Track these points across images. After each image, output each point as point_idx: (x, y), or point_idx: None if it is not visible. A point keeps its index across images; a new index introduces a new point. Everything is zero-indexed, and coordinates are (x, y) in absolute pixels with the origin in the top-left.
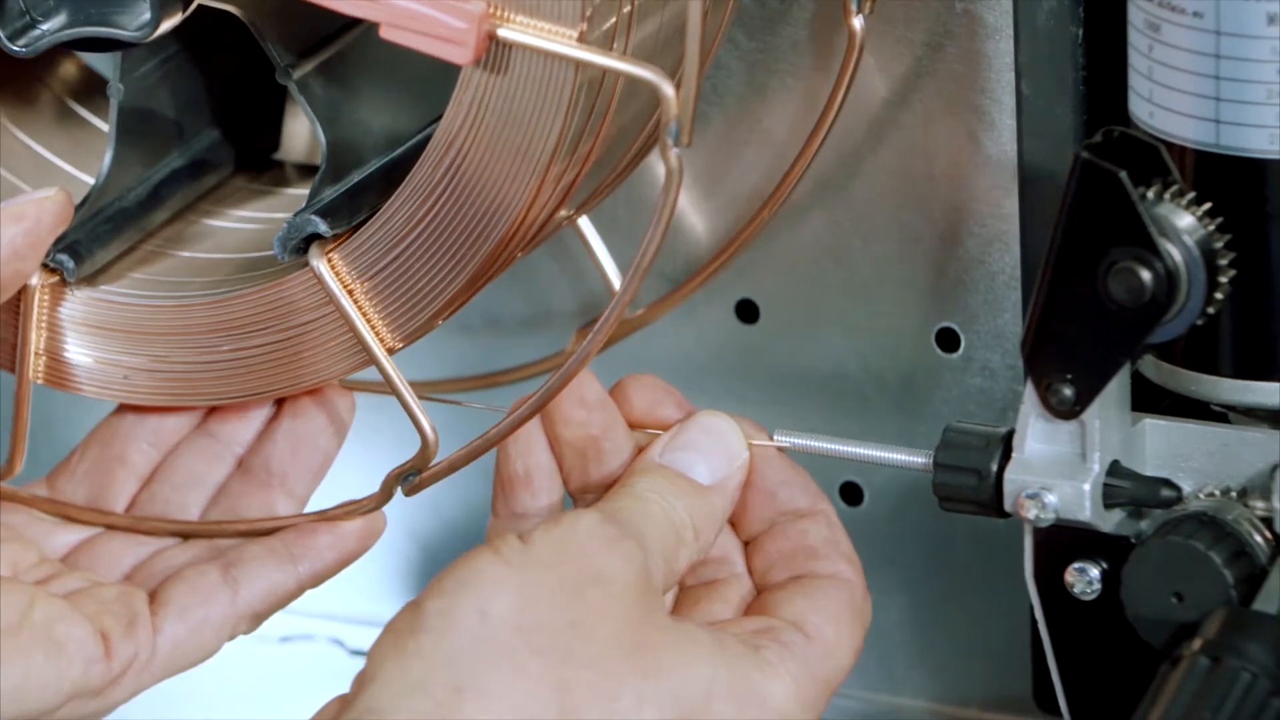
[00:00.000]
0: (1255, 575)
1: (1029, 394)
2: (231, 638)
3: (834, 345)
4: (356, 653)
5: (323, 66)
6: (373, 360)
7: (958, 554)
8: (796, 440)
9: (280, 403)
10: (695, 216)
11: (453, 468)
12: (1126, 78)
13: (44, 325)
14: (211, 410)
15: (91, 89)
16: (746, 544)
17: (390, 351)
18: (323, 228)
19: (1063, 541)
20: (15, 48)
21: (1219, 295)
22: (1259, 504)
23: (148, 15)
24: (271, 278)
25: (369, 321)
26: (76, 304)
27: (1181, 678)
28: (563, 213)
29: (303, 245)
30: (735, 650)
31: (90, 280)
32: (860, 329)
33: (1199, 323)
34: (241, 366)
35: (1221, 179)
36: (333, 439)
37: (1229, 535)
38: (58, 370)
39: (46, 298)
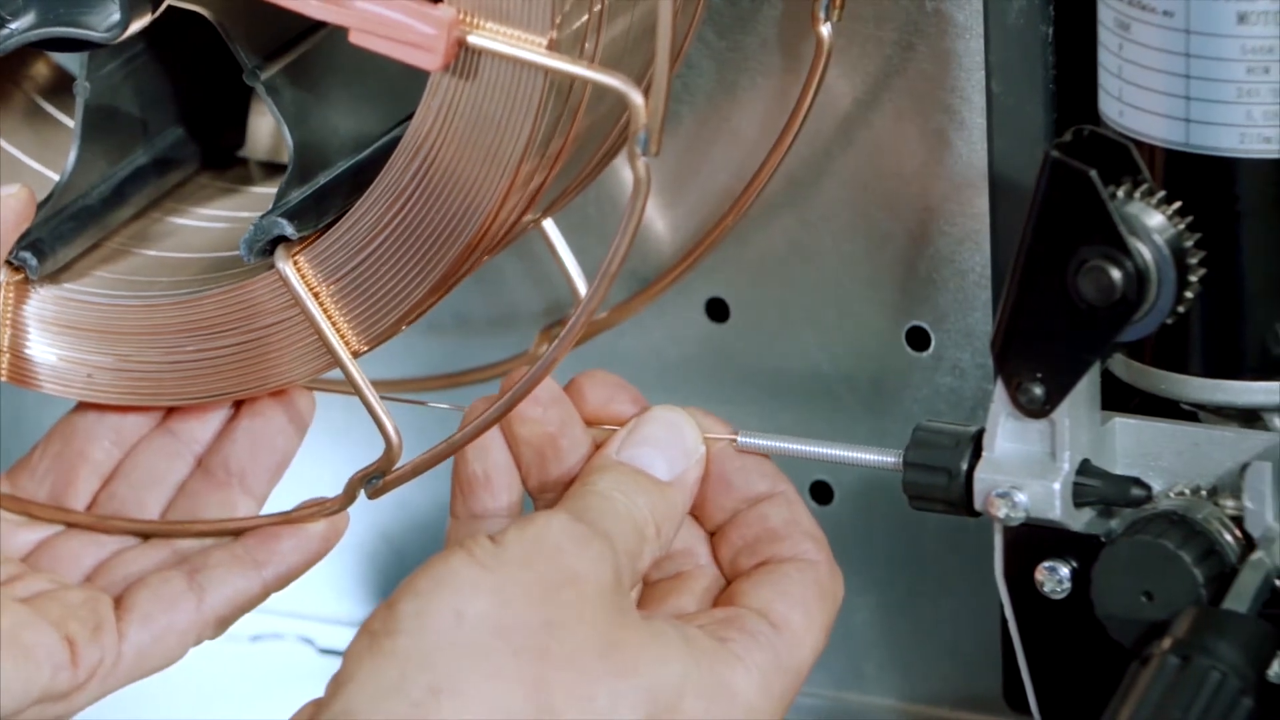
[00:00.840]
0: (1225, 574)
1: (999, 393)
2: (197, 643)
3: (804, 344)
4: (327, 651)
5: (290, 68)
6: (337, 363)
7: (928, 553)
8: (764, 442)
9: (240, 401)
10: (665, 216)
11: (415, 472)
12: (1097, 77)
13: (7, 323)
14: (172, 408)
15: (60, 87)
16: (712, 534)
17: (355, 355)
18: (289, 230)
19: (1033, 540)
20: None
21: (1189, 294)
22: (1229, 503)
23: (117, 16)
24: (238, 279)
25: (334, 324)
26: (40, 302)
27: (1151, 677)
28: (529, 216)
29: (269, 247)
30: (703, 645)
31: (54, 278)
32: (830, 328)
33: (1169, 321)
34: (207, 367)
35: (1192, 178)
36: (292, 438)
37: (1199, 534)
38: (20, 368)
39: (10, 295)
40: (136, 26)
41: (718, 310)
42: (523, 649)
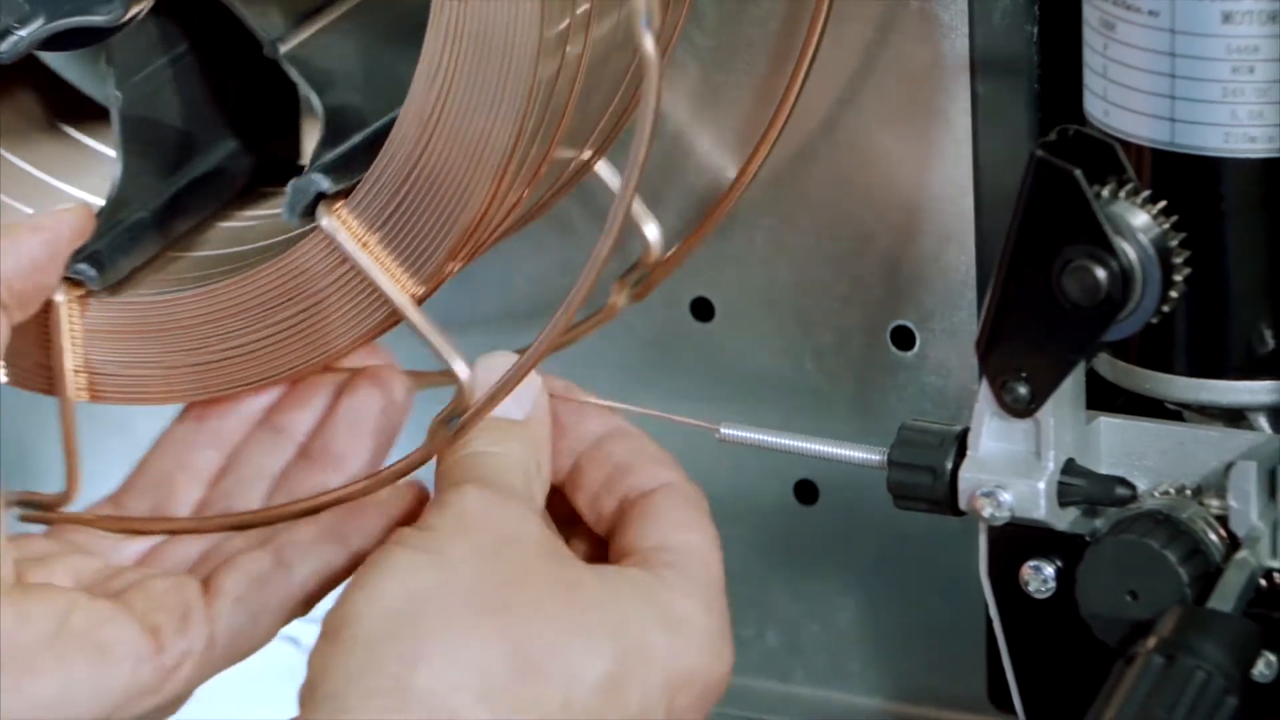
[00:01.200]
0: (1210, 573)
1: (984, 392)
2: (289, 621)
3: (789, 343)
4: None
5: (312, 39)
6: (397, 309)
7: (912, 552)
8: (748, 434)
9: (341, 388)
10: (650, 214)
11: (493, 404)
12: (1082, 76)
13: (77, 341)
14: (273, 405)
15: (86, 111)
16: (566, 486)
17: (414, 299)
18: (326, 185)
19: (1017, 539)
20: None
21: (1174, 293)
22: (1213, 502)
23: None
24: (286, 248)
25: (388, 270)
26: (103, 312)
27: (1136, 676)
28: (584, 154)
29: (310, 207)
30: (646, 581)
31: (114, 290)
32: (815, 327)
33: (1154, 321)
34: (273, 343)
35: (1177, 177)
36: (393, 416)
37: (1184, 533)
38: (97, 385)
39: (74, 311)
40: (137, 9)
41: (702, 309)
42: (485, 608)
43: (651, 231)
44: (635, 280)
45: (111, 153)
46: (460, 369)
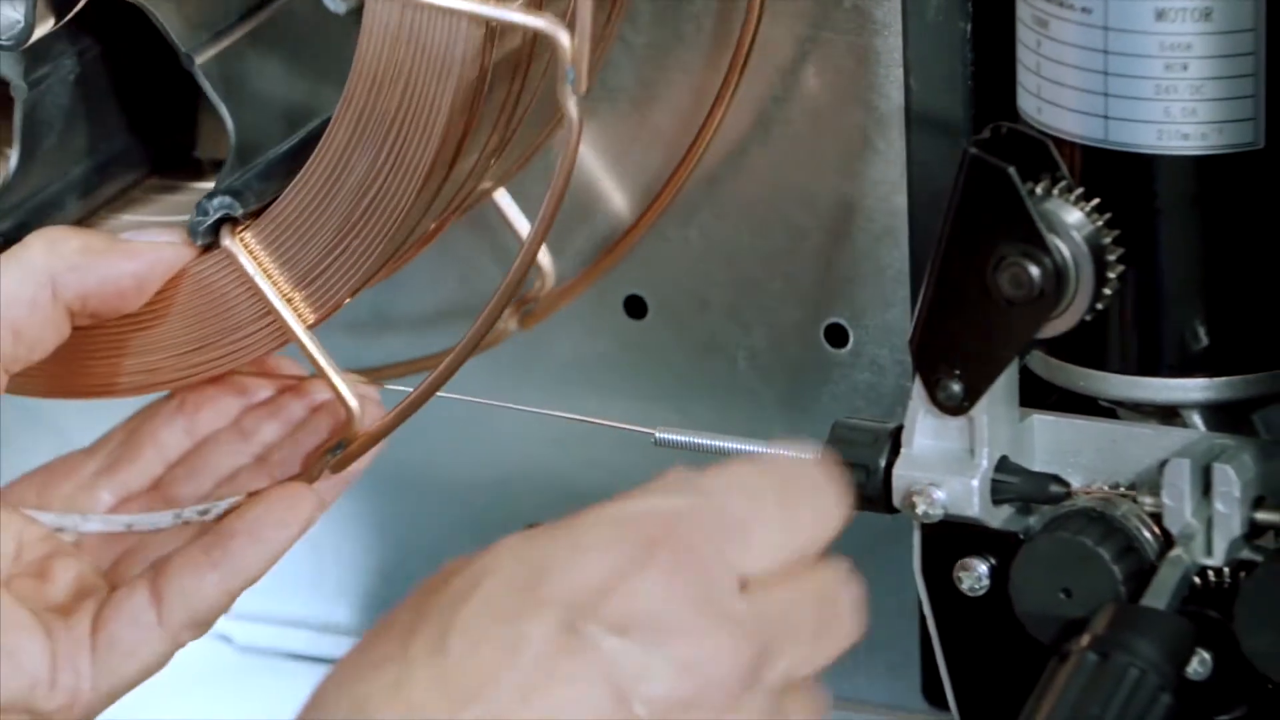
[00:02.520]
0: (1143, 571)
1: (917, 389)
2: (177, 649)
3: (722, 341)
4: (246, 649)
5: (227, 52)
6: (291, 336)
7: (845, 549)
8: (681, 438)
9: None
10: (584, 213)
11: (379, 436)
12: (1015, 73)
13: None
14: (250, 407)
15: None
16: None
17: (309, 326)
18: (231, 207)
19: (951, 537)
20: None
21: (1107, 291)
22: (1147, 499)
23: (20, 20)
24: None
25: (286, 297)
26: None
27: (1070, 674)
28: (481, 184)
29: (214, 228)
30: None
31: None
32: (748, 324)
33: (1087, 318)
34: (161, 349)
35: (1110, 174)
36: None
37: (1117, 531)
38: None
39: None
40: (41, 32)
41: (636, 307)
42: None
43: (545, 262)
44: (525, 310)
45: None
46: (352, 401)
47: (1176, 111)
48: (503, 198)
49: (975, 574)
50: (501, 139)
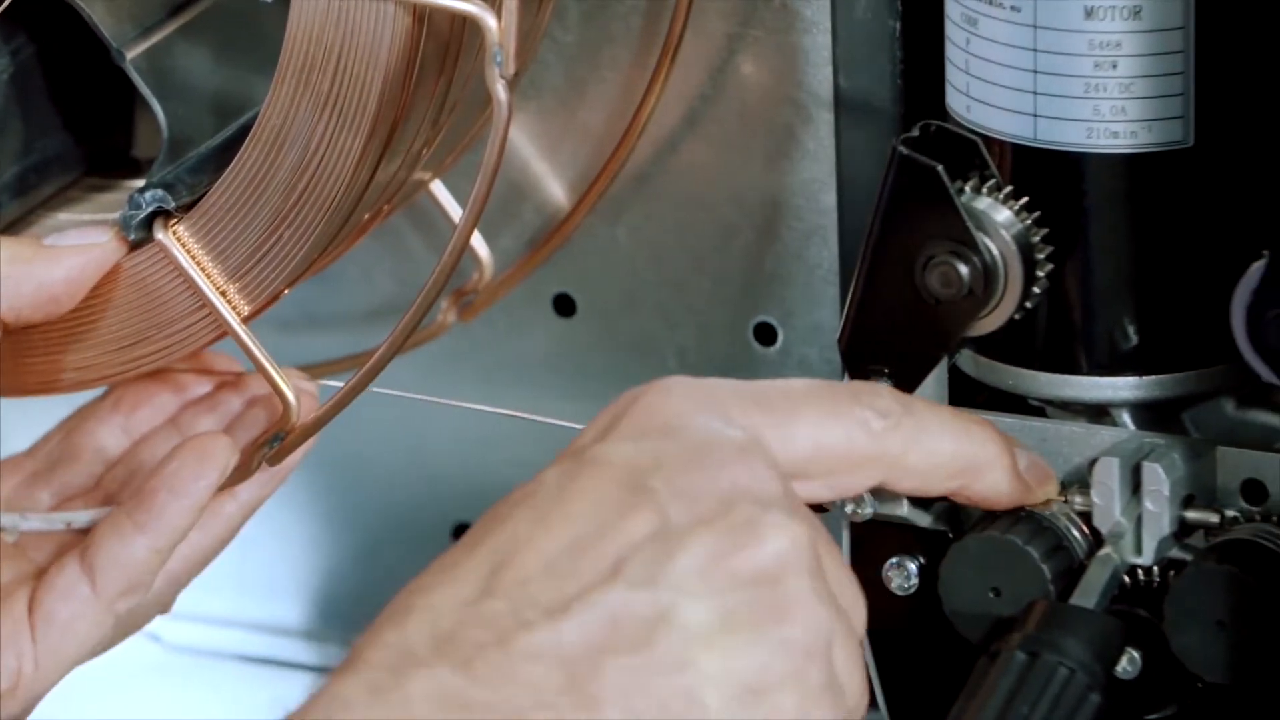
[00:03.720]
0: (1073, 569)
1: None
2: (116, 620)
3: (651, 339)
4: (176, 649)
5: (157, 46)
6: (227, 329)
7: None
8: None
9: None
10: (512, 211)
11: (316, 426)
12: (944, 72)
13: None
14: (186, 404)
15: None
16: None
17: (245, 319)
18: (165, 200)
19: (881, 536)
20: None
21: (1036, 289)
22: (1077, 498)
23: None
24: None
25: (221, 290)
26: None
27: (999, 673)
28: (416, 174)
29: (147, 222)
30: None
31: None
32: (677, 323)
33: (1016, 317)
34: (98, 345)
35: (1039, 173)
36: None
37: (1047, 530)
38: None
39: None
40: None
41: (564, 306)
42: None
43: (484, 253)
44: (465, 302)
45: None
46: (288, 393)
47: (1106, 110)
48: (438, 189)
49: (904, 573)
50: (434, 127)
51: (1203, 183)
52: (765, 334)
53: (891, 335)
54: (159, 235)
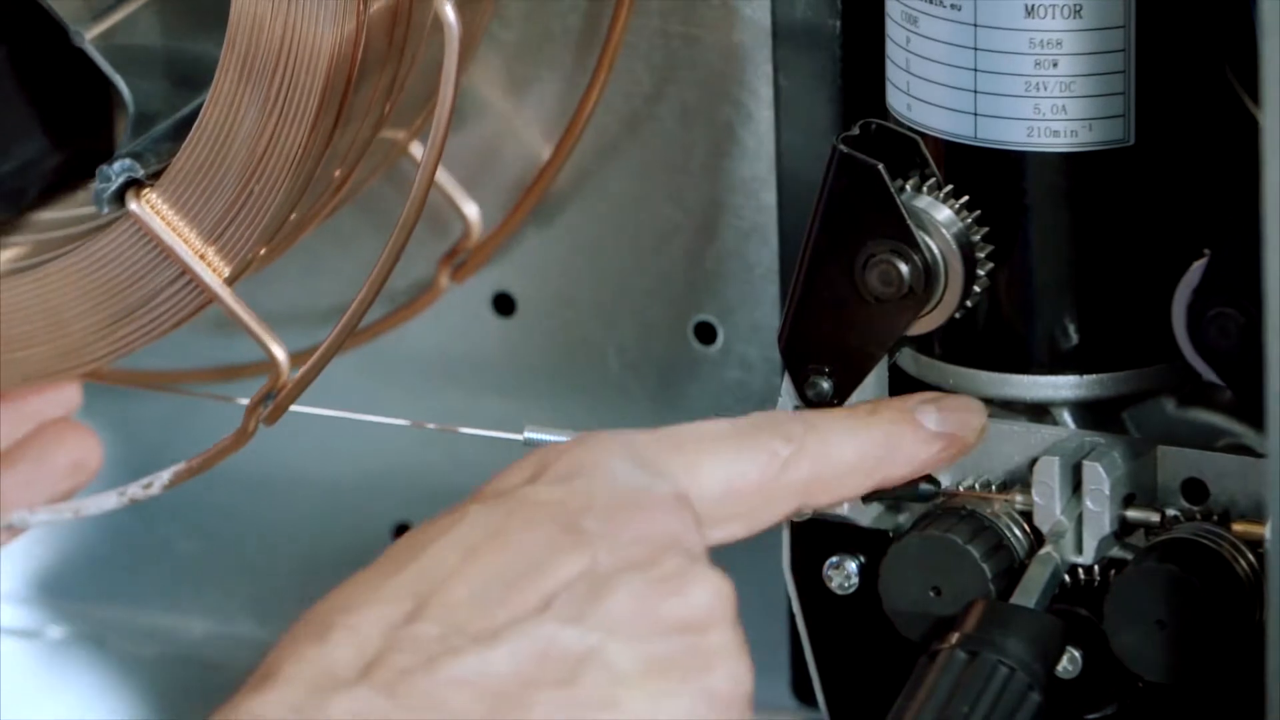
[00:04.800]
0: (1013, 569)
1: (787, 387)
2: None
3: (591, 338)
4: (115, 652)
5: (116, 26)
6: (210, 293)
7: (715, 546)
8: (550, 436)
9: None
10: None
11: (304, 383)
12: (885, 70)
13: None
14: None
15: None
16: None
17: (226, 281)
18: (137, 171)
19: (821, 535)
20: None
21: (977, 288)
22: (1018, 497)
23: None
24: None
25: (200, 254)
26: None
27: (939, 672)
28: (396, 135)
29: (119, 194)
30: None
31: None
32: (617, 322)
33: (957, 315)
34: (82, 332)
35: (979, 172)
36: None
37: (987, 529)
38: None
39: None
40: None
41: (504, 305)
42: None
43: (471, 211)
44: (457, 262)
45: None
46: (277, 351)
47: (1046, 108)
48: (417, 149)
49: (844, 572)
50: (394, 77)
51: (1143, 182)
52: (705, 333)
53: (832, 334)
54: (132, 206)
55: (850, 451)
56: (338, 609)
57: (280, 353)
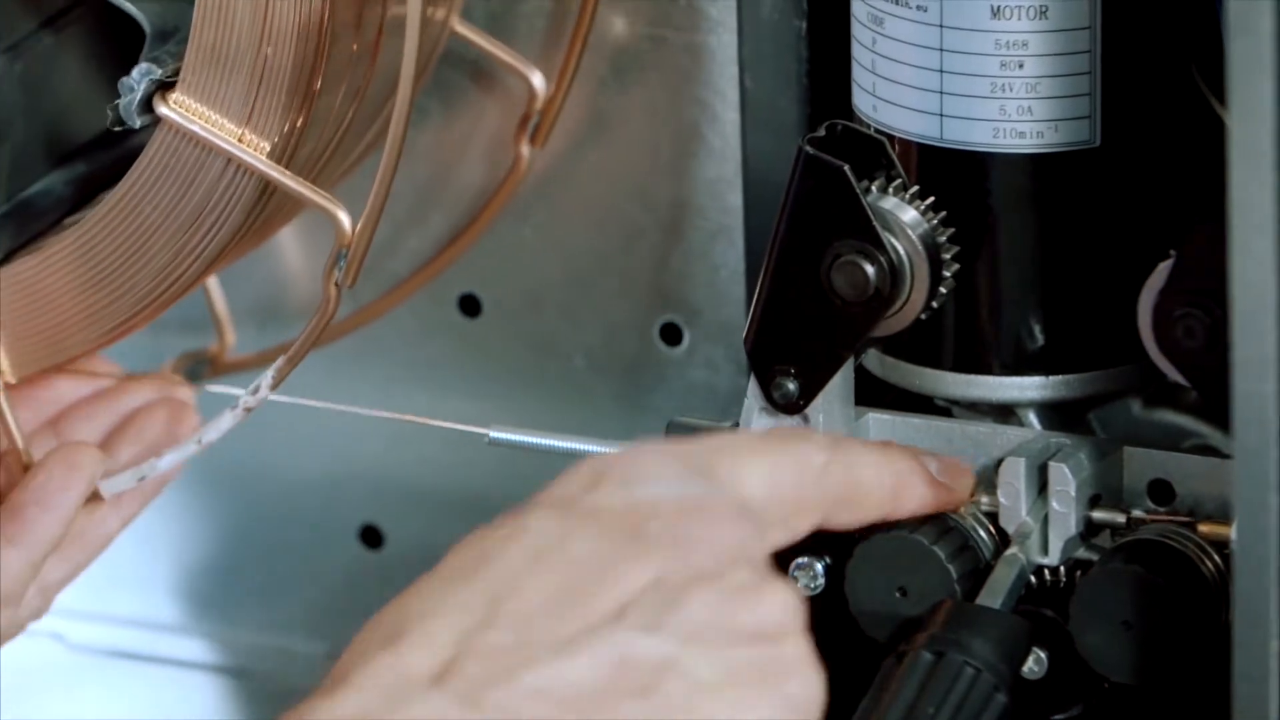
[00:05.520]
0: (979, 570)
1: (752, 388)
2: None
3: (557, 339)
4: (78, 648)
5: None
6: (261, 173)
7: None
8: (516, 437)
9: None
10: (418, 211)
11: (365, 241)
12: (851, 71)
13: None
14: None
15: None
16: None
17: (270, 156)
18: (151, 72)
19: None
20: None
21: (943, 289)
22: (983, 499)
23: None
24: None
25: (237, 138)
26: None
27: (905, 673)
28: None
29: (146, 104)
30: None
31: None
32: (583, 323)
33: (923, 317)
34: (157, 256)
35: (945, 173)
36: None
37: (953, 530)
38: (16, 358)
39: None
40: None
41: (470, 306)
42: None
43: (537, 82)
44: (534, 126)
45: None
46: (337, 212)
47: (1012, 110)
48: (464, 29)
49: (811, 572)
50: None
51: (1109, 183)
52: (671, 334)
53: (797, 335)
54: (161, 110)
55: (873, 475)
56: (409, 615)
57: (341, 214)
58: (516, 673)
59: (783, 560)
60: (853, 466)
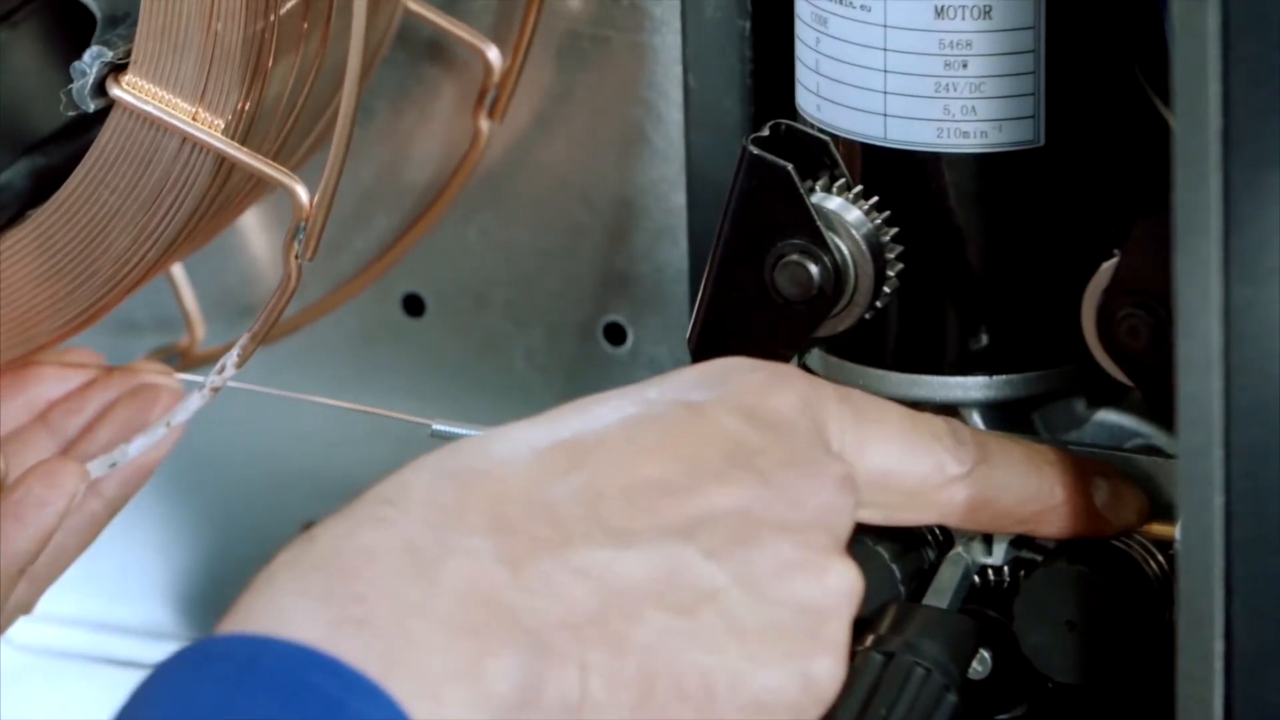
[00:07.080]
0: (924, 570)
1: None
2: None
3: (500, 339)
4: (24, 649)
5: None
6: (216, 150)
7: None
8: (463, 431)
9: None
10: (363, 211)
11: (322, 212)
12: (795, 71)
13: None
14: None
15: None
16: None
17: (223, 133)
18: (102, 54)
19: None
20: None
21: (887, 289)
22: None
23: None
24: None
25: (191, 116)
26: None
27: (855, 674)
28: None
29: (99, 87)
30: None
31: None
32: (527, 323)
33: (867, 316)
34: (124, 234)
35: (889, 173)
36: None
37: (896, 530)
38: None
39: None
40: None
41: (413, 305)
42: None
43: (493, 56)
44: (490, 101)
45: None
46: (294, 186)
47: (956, 110)
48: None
49: None
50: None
51: (1053, 183)
52: (615, 334)
53: (741, 335)
54: (114, 92)
55: (1012, 495)
56: (491, 456)
57: (299, 187)
58: (569, 547)
59: None
60: (990, 481)
